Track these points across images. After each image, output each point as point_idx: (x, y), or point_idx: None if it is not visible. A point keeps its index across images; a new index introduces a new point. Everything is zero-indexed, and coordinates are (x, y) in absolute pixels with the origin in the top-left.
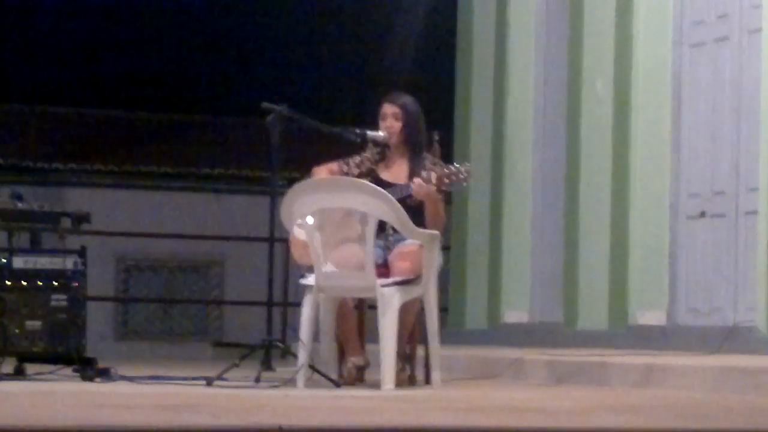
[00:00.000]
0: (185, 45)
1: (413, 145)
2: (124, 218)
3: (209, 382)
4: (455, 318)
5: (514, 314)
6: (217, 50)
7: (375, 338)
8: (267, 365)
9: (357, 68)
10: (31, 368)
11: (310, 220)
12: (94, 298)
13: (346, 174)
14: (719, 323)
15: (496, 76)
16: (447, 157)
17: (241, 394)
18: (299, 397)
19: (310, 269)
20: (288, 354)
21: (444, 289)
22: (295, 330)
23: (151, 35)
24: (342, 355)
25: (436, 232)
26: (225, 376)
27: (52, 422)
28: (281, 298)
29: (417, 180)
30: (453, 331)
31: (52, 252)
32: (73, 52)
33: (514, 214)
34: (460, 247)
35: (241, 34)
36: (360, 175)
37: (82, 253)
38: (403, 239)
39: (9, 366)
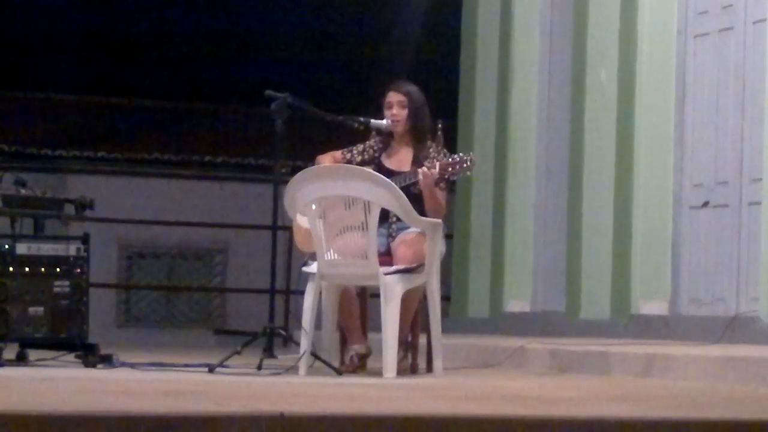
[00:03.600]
0: (189, 32)
1: (418, 134)
2: (127, 205)
3: (211, 369)
4: (457, 306)
5: (516, 303)
6: (221, 37)
7: (377, 326)
8: (269, 353)
9: (361, 57)
10: (33, 354)
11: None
12: (96, 285)
13: (350, 162)
14: (722, 313)
15: (501, 65)
16: (451, 147)
17: (242, 382)
18: (301, 384)
19: (313, 257)
20: (290, 341)
21: (446, 277)
22: (298, 317)
23: (156, 23)
24: (344, 342)
25: (438, 220)
26: (227, 363)
27: (53, 408)
28: (284, 286)
29: (424, 170)
30: (455, 320)
31: (56, 238)
32: (76, 39)
33: (517, 204)
34: (463, 236)
35: (245, 22)
36: (363, 163)
37: (85, 239)
38: (406, 227)
39: (11, 352)
